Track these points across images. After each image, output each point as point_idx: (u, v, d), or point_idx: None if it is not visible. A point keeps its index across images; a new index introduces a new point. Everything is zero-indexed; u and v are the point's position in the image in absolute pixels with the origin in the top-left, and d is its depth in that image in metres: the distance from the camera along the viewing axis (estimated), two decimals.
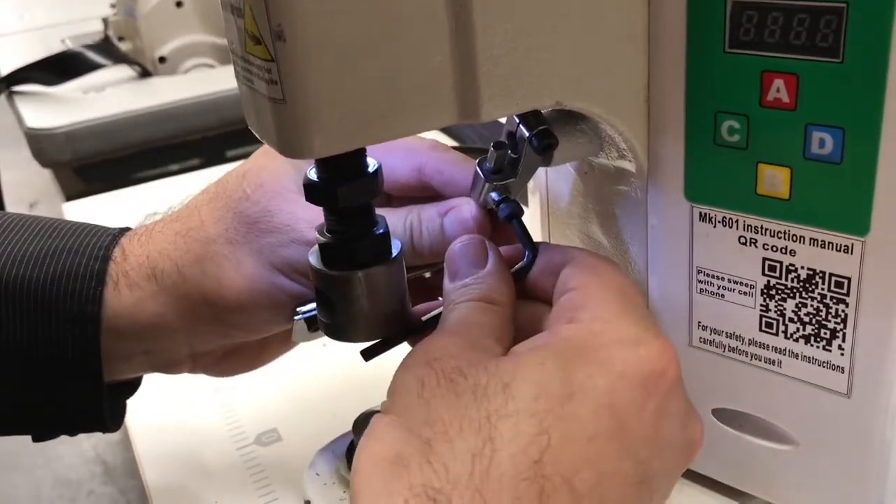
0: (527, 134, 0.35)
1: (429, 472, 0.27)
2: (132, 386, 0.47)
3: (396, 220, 0.40)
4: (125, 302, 0.41)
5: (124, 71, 1.27)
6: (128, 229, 0.44)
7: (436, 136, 0.91)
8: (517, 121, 0.36)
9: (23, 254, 0.41)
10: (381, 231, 0.36)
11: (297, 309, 0.40)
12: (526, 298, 0.35)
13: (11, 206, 1.22)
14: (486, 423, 0.27)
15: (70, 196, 1.03)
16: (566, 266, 0.34)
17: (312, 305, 0.40)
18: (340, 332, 0.37)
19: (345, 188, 0.34)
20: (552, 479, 0.27)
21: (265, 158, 0.42)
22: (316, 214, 0.38)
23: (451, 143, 0.90)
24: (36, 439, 0.46)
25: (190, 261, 0.41)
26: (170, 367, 0.45)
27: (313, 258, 0.36)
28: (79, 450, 1.64)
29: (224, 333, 0.42)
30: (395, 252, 0.37)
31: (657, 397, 0.30)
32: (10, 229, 0.43)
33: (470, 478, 0.26)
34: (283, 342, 0.45)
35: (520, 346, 0.31)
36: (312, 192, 0.34)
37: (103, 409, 0.43)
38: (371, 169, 0.35)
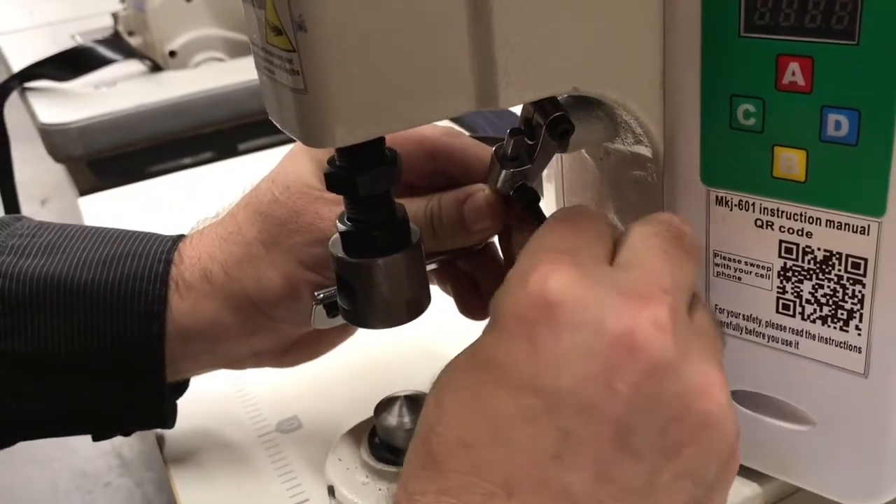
0: (543, 120, 0.36)
1: None
2: (182, 387, 0.49)
3: (417, 208, 0.41)
4: (186, 303, 0.43)
5: (135, 66, 1.27)
6: (183, 236, 0.46)
7: (447, 125, 0.91)
8: (533, 107, 0.36)
9: (88, 260, 0.43)
10: (400, 218, 0.36)
11: (315, 294, 0.41)
12: None
13: (23, 203, 1.22)
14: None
15: (83, 191, 1.04)
16: None
17: (330, 290, 0.40)
18: (361, 319, 0.38)
19: (365, 176, 0.34)
20: (443, 443, 0.28)
21: (291, 162, 0.43)
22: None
23: (462, 132, 0.90)
24: (96, 438, 0.48)
25: (233, 263, 0.43)
26: (234, 364, 0.47)
27: (334, 247, 0.37)
28: (95, 443, 1.65)
29: (275, 329, 0.44)
30: (414, 239, 0.37)
31: (545, 324, 0.28)
32: (73, 238, 0.45)
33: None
34: (341, 331, 0.47)
35: None
36: (333, 180, 0.35)
37: (164, 405, 0.45)
38: (390, 157, 0.35)
